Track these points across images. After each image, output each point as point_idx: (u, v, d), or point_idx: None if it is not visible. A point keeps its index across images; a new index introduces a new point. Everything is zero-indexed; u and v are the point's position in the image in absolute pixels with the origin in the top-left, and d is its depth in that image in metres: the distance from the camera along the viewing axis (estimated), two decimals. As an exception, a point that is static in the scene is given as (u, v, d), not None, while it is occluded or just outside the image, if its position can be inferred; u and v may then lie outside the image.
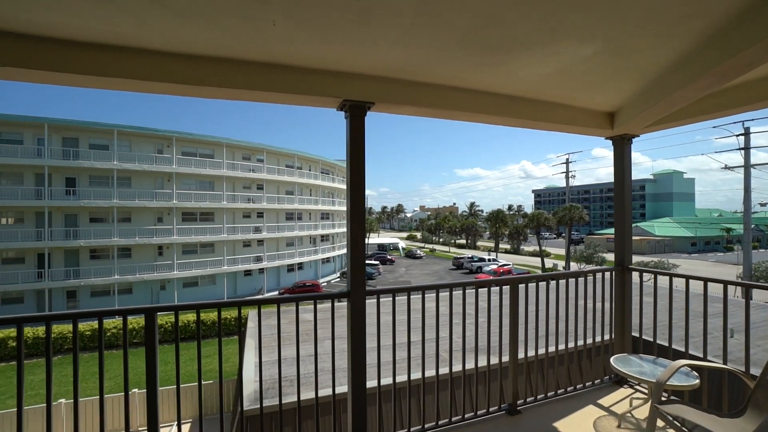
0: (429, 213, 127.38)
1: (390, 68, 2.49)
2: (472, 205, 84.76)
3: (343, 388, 3.18)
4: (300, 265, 36.21)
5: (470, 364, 3.26)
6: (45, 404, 1.95)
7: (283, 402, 2.63)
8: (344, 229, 42.26)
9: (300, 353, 2.52)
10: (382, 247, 62.82)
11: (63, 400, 9.19)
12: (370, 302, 2.68)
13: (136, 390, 9.77)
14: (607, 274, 3.72)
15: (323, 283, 36.48)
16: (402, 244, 67.89)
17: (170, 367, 2.30)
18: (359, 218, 2.57)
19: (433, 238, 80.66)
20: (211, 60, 2.24)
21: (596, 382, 3.59)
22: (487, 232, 70.29)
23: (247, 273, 32.03)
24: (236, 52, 2.20)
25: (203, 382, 11.05)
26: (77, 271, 24.88)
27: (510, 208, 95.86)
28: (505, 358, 3.20)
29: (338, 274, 41.52)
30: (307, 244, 37.68)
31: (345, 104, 2.55)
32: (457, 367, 3.44)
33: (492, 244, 65.19)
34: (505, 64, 2.48)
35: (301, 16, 1.82)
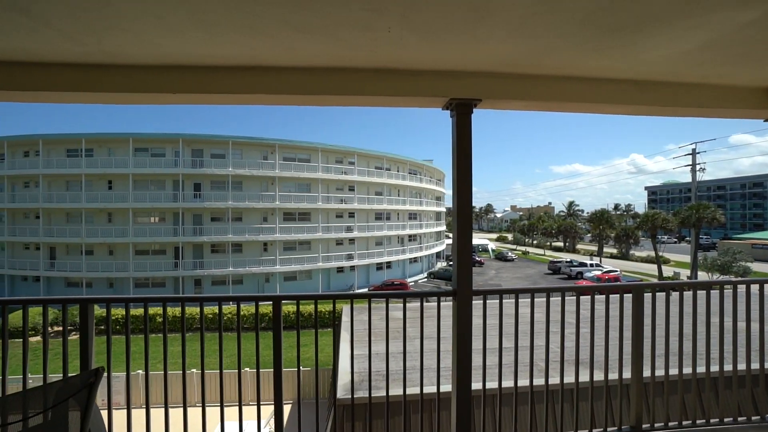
0: (521, 213, 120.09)
1: (498, 63, 2.40)
2: (571, 204, 77.34)
3: (442, 386, 3.17)
4: (388, 264, 37.20)
5: (583, 377, 2.97)
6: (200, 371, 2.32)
7: (378, 395, 2.73)
8: (431, 230, 42.41)
9: (392, 349, 2.60)
10: (469, 248, 61.04)
11: (194, 370, 10.86)
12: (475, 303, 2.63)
13: (246, 369, 11.08)
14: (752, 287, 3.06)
15: (411, 282, 36.90)
16: (492, 245, 65.15)
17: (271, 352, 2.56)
18: (466, 217, 2.54)
19: (526, 239, 75.74)
20: (326, 70, 2.41)
21: (754, 419, 2.98)
22: (589, 235, 63.60)
23: (340, 270, 33.99)
24: (349, 61, 2.34)
25: (302, 368, 12.08)
26: (201, 263, 29.20)
27: (617, 207, 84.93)
28: (626, 375, 2.85)
29: (425, 275, 41.57)
30: (395, 244, 38.53)
31: (451, 103, 2.54)
32: (569, 378, 3.17)
33: (595, 248, 58.74)
34: (632, 45, 2.21)
35: (415, 19, 1.86)
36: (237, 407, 2.55)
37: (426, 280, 40.06)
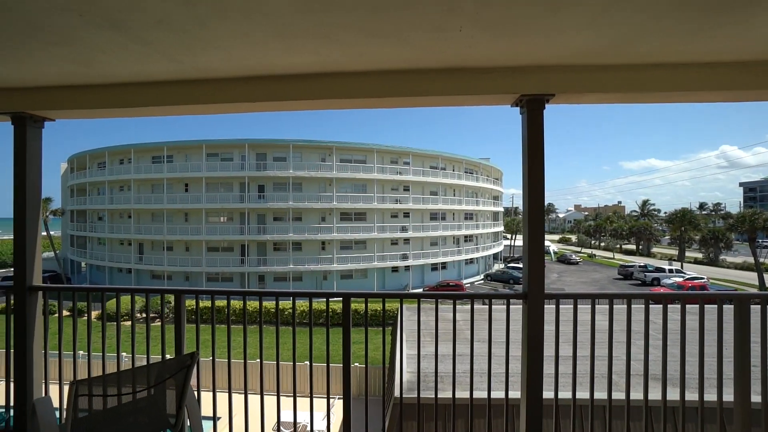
0: (586, 213, 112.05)
1: (575, 54, 2.26)
2: (645, 203, 70.32)
3: (507, 393, 3.07)
4: (443, 265, 36.77)
5: (671, 395, 2.70)
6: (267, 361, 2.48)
7: (443, 396, 2.70)
8: (488, 230, 41.13)
9: (448, 351, 2.56)
10: (528, 250, 58.04)
11: (262, 360, 11.59)
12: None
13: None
14: None
15: (466, 284, 36.13)
16: (553, 247, 61.49)
17: (338, 347, 2.65)
18: (538, 218, 2.44)
19: (592, 241, 70.47)
20: (393, 73, 2.44)
21: None
22: (667, 237, 57.52)
23: (394, 269, 34.27)
24: (417, 62, 2.35)
25: (359, 365, 12.40)
26: (265, 260, 31.08)
27: (702, 206, 75.48)
28: (727, 397, 2.53)
29: (481, 276, 40.43)
30: (450, 244, 37.97)
31: (521, 99, 2.45)
32: (654, 395, 2.90)
33: (674, 252, 52.97)
34: (741, 21, 1.96)
35: (488, 17, 1.82)
36: (307, 398, 2.69)
37: (482, 281, 38.95)
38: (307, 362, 2.73)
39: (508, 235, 60.40)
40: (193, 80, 2.47)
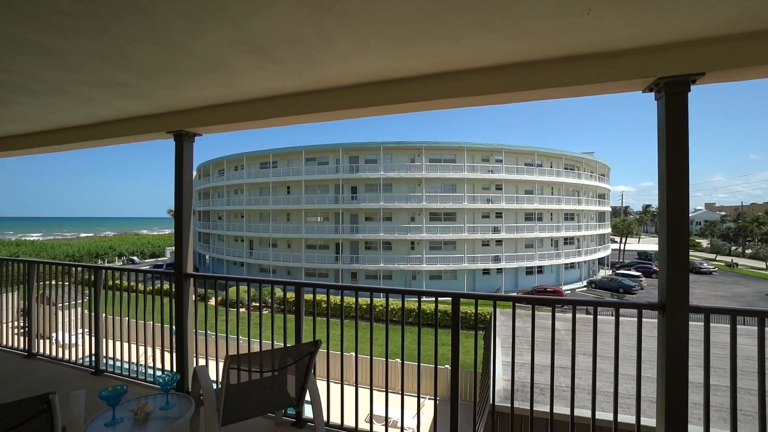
0: (723, 213, 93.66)
1: (736, 22, 1.89)
2: (811, 201, 55.70)
3: (639, 419, 2.71)
4: (540, 269, 34.29)
5: None
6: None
7: (558, 413, 2.49)
8: (592, 232, 37.19)
9: (559, 363, 2.31)
10: (644, 255, 50.90)
11: (353, 354, 12.19)
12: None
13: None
14: None
15: (566, 290, 33.12)
16: (675, 253, 52.59)
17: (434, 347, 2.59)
18: (679, 218, 2.10)
19: (732, 247, 58.64)
20: (505, 67, 2.33)
21: None
22: None
23: (486, 272, 33.04)
24: (531, 54, 2.21)
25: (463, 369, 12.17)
26: (357, 258, 32.60)
27: None
28: None
29: (584, 283, 36.63)
30: (547, 247, 35.21)
31: (658, 83, 2.14)
32: None
33: None
34: None
35: (624, -7, 1.63)
36: (404, 395, 2.73)
37: (585, 289, 35.24)
38: (407, 361, 2.77)
39: (617, 238, 53.68)
40: (314, 91, 2.69)
